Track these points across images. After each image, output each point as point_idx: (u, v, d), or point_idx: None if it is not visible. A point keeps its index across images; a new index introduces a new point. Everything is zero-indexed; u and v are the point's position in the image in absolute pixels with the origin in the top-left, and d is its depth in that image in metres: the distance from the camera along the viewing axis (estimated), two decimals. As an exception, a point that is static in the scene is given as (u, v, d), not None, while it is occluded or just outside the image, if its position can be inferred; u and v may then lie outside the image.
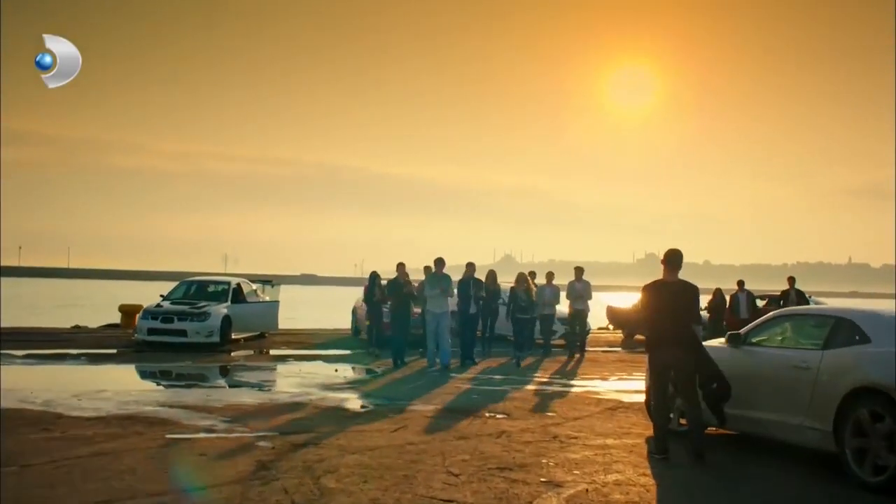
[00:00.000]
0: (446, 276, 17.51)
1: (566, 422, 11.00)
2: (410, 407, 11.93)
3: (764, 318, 9.61)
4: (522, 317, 18.98)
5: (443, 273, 17.47)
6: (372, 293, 19.91)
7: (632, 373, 17.44)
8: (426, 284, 17.47)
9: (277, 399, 12.49)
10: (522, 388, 14.34)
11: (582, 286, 20.92)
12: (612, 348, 24.33)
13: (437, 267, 17.58)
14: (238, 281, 23.20)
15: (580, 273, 21.02)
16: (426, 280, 17.64)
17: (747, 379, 9.20)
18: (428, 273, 18.32)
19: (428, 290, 17.22)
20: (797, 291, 22.89)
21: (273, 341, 22.82)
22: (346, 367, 17.35)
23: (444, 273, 17.51)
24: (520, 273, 19.62)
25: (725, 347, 9.58)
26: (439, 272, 17.43)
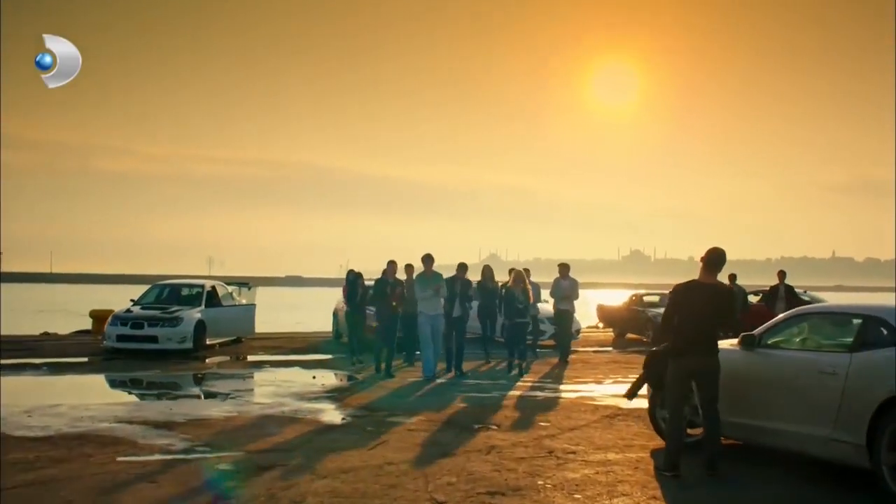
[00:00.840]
0: (437, 274, 15.95)
1: (561, 433, 10.06)
2: (391, 419, 10.96)
3: (780, 317, 8.66)
4: (520, 321, 16.41)
5: (433, 271, 15.88)
6: (354, 294, 18.06)
7: (627, 375, 16.48)
8: (417, 285, 15.78)
9: (247, 412, 11.49)
10: (512, 395, 13.39)
11: (568, 284, 18.79)
12: (603, 348, 23.42)
13: (426, 265, 15.85)
14: (213, 284, 22.15)
15: (566, 270, 18.91)
16: (416, 280, 15.95)
17: (764, 385, 8.28)
18: (407, 271, 17.27)
19: (419, 290, 15.61)
20: (786, 287, 22.07)
21: (250, 346, 21.80)
22: (325, 373, 16.36)
23: (434, 271, 15.91)
24: (516, 270, 16.96)
25: (737, 350, 8.65)
26: (429, 271, 15.80)
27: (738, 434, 8.56)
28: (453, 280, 16.51)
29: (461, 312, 16.51)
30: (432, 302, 15.53)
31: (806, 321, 8.57)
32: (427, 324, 15.54)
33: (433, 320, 15.56)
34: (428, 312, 15.56)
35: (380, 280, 16.66)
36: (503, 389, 13.93)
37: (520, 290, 16.21)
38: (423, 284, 15.61)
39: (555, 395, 13.52)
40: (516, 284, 16.28)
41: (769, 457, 8.52)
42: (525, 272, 17.54)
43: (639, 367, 18.21)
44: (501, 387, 14.24)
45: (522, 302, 16.21)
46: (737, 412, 8.44)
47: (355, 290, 17.90)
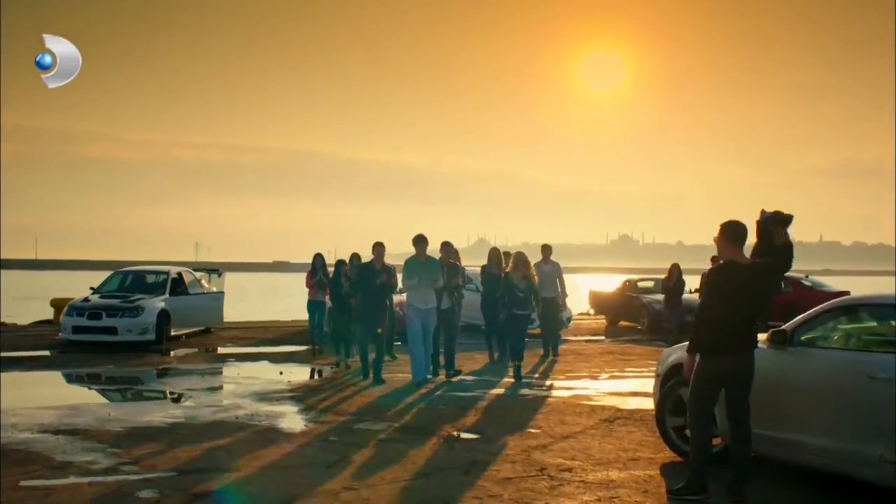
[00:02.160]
0: (432, 259, 13.11)
1: (554, 442, 8.69)
2: (359, 426, 9.57)
3: (815, 309, 7.25)
4: (519, 312, 13.67)
5: (427, 256, 13.02)
6: (337, 284, 15.91)
7: (624, 368, 15.16)
8: (404, 272, 12.86)
9: (195, 417, 10.07)
10: (498, 394, 12.01)
11: (550, 269, 16.24)
12: (595, 337, 22.09)
13: (418, 247, 12.87)
14: (179, 270, 20.69)
15: (548, 252, 16.47)
16: (406, 266, 12.90)
17: (797, 391, 6.92)
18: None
19: (406, 278, 12.79)
20: None
21: (220, 337, 20.41)
22: (293, 367, 14.96)
23: (429, 256, 13.10)
24: (517, 254, 14.11)
25: (763, 348, 7.25)
26: (422, 255, 12.88)
27: (763, 448, 7.18)
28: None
29: (449, 304, 13.83)
30: (423, 293, 12.80)
31: (849, 314, 7.18)
32: (417, 319, 12.81)
33: (425, 316, 12.82)
34: (418, 306, 12.83)
35: (364, 266, 13.82)
36: (487, 387, 12.54)
37: (520, 276, 13.64)
38: (411, 271, 12.81)
39: (545, 393, 12.13)
40: (516, 270, 13.70)
41: (804, 477, 7.14)
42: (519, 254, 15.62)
43: (635, 358, 17.09)
44: (486, 384, 12.84)
45: (524, 290, 13.68)
46: (762, 423, 7.05)
47: (338, 279, 15.87)
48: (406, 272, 12.82)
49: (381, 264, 13.32)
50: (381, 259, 13.35)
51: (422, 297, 12.77)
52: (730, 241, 6.64)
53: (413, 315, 12.87)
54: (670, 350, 8.40)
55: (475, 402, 11.17)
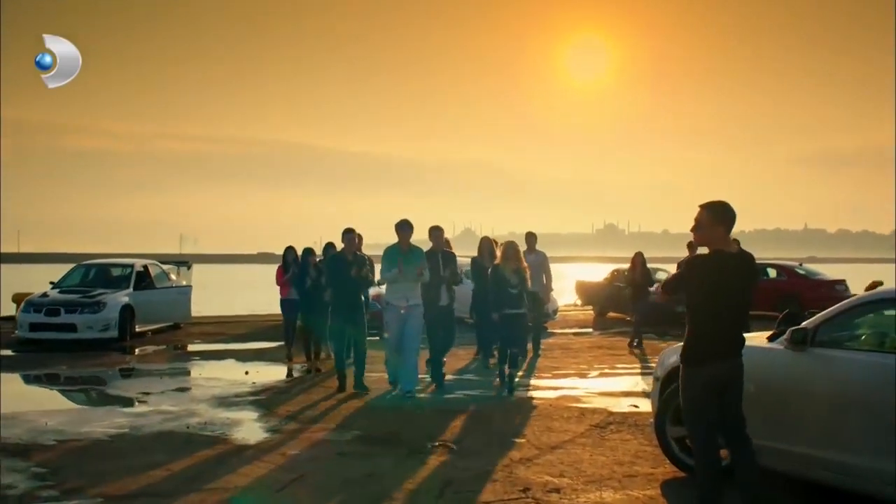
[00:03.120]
0: (417, 248, 11.09)
1: (540, 454, 7.72)
2: (320, 435, 8.58)
3: (843, 304, 6.29)
4: (512, 312, 11.33)
5: (411, 245, 11.05)
6: (303, 278, 14.07)
7: (614, 365, 14.21)
8: (382, 262, 10.95)
9: (141, 427, 9.04)
10: (479, 397, 11.04)
11: (535, 259, 14.33)
12: (583, 329, 21.15)
13: (400, 234, 10.94)
14: (144, 263, 19.61)
15: (533, 241, 14.85)
16: (383, 256, 11.00)
17: (820, 400, 5.97)
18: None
19: (384, 270, 10.87)
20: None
21: (189, 333, 19.40)
22: (261, 367, 13.95)
23: (413, 245, 11.07)
24: (507, 244, 11.79)
25: (779, 349, 6.30)
26: (404, 243, 10.95)
27: (779, 464, 6.23)
28: (431, 255, 11.53)
29: (448, 301, 11.85)
30: (404, 287, 10.79)
31: (880, 311, 6.22)
32: (396, 321, 10.81)
33: (406, 316, 10.76)
34: (397, 303, 10.82)
35: (335, 257, 11.93)
36: (468, 388, 11.56)
37: (511, 269, 11.41)
38: (391, 261, 10.81)
39: (529, 394, 11.16)
40: (507, 262, 11.44)
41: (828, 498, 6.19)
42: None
43: (625, 353, 16.12)
44: (465, 385, 11.85)
45: (516, 286, 11.39)
46: (779, 435, 6.14)
47: (305, 272, 14.14)
48: (384, 263, 10.90)
49: (354, 254, 11.51)
50: (353, 248, 11.54)
51: (401, 293, 10.76)
52: (718, 225, 5.64)
53: (391, 316, 10.88)
54: (670, 351, 7.43)
55: (454, 406, 10.19)
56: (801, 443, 6.03)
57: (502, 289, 11.34)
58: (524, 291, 11.54)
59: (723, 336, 5.58)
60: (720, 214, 5.63)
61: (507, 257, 11.51)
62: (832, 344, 6.09)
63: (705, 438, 5.67)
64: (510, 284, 11.32)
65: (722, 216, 5.63)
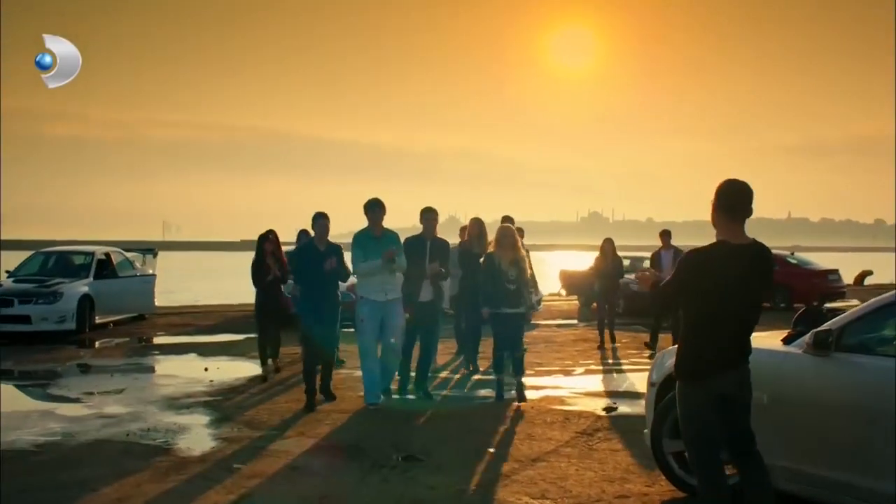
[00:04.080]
0: (391, 233, 9.55)
1: (520, 468, 6.83)
2: (276, 445, 7.64)
3: (873, 302, 5.38)
4: (509, 311, 9.54)
5: (384, 229, 9.52)
6: (260, 268, 11.98)
7: (601, 360, 13.34)
8: (354, 250, 9.41)
9: (76, 434, 8.08)
10: (453, 398, 10.15)
11: None
12: (568, 321, 20.30)
13: (370, 216, 9.41)
14: (106, 250, 18.59)
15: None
16: (353, 242, 9.43)
17: (848, 415, 5.09)
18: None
19: (357, 259, 9.35)
20: None
21: (154, 324, 18.47)
22: (224, 362, 13.01)
23: (387, 228, 9.56)
24: (503, 227, 9.85)
25: (799, 354, 5.41)
26: (376, 226, 9.43)
27: (798, 488, 5.35)
28: (416, 242, 9.87)
29: (433, 296, 9.93)
30: (381, 280, 9.33)
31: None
32: (372, 318, 9.33)
33: (385, 310, 9.35)
34: (373, 297, 9.34)
35: (304, 247, 10.21)
36: (441, 388, 10.64)
37: (509, 259, 9.51)
38: (364, 249, 9.35)
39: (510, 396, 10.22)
40: (503, 250, 9.55)
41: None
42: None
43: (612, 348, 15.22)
44: (440, 385, 10.92)
45: (514, 280, 9.53)
46: (797, 455, 5.27)
47: (261, 262, 11.93)
48: (356, 251, 9.38)
49: (328, 243, 9.72)
50: (326, 235, 9.75)
51: (379, 286, 9.30)
52: (719, 210, 4.74)
53: (367, 311, 9.31)
54: (669, 352, 6.53)
55: (425, 409, 9.27)
56: (823, 464, 5.15)
57: (498, 283, 9.47)
58: (524, 287, 9.70)
59: (726, 345, 4.70)
60: (719, 197, 4.74)
61: (501, 245, 9.57)
62: (861, 348, 5.19)
63: (707, 457, 4.78)
64: (507, 278, 9.45)
65: (721, 199, 4.73)
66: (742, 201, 4.72)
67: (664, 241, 14.88)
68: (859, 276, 37.56)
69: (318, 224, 9.77)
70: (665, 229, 15.30)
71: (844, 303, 23.67)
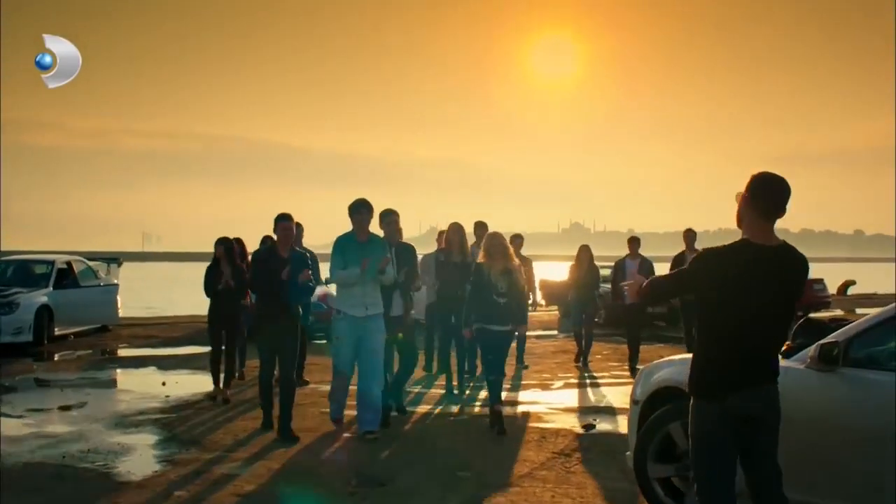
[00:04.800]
0: (377, 238, 8.37)
1: (492, 494, 6.21)
2: (223, 468, 6.97)
3: (880, 314, 4.79)
4: (496, 328, 8.36)
5: (371, 234, 8.29)
6: (212, 276, 10.35)
7: (581, 374, 12.74)
8: (333, 256, 8.15)
9: (9, 456, 7.34)
10: (422, 413, 9.51)
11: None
12: (547, 332, 19.72)
13: (355, 219, 8.15)
14: (67, 259, 17.87)
15: (483, 233, 10.83)
16: (334, 248, 8.18)
17: (862, 440, 4.50)
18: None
19: (335, 267, 8.12)
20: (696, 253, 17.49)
21: (118, 335, 17.77)
22: (184, 375, 12.33)
23: (373, 233, 8.33)
24: (492, 235, 8.68)
25: (801, 370, 4.80)
26: (362, 231, 8.16)
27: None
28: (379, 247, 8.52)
29: (404, 310, 8.79)
30: (363, 292, 8.01)
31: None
32: (350, 335, 8.04)
33: (364, 327, 8.03)
34: (352, 312, 8.03)
35: (263, 253, 8.86)
36: (412, 403, 9.96)
37: (500, 270, 8.29)
38: (346, 254, 8.06)
39: (482, 408, 9.58)
40: (493, 260, 8.32)
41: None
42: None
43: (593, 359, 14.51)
44: (413, 400, 10.26)
45: (505, 293, 8.29)
46: (805, 486, 4.66)
47: (214, 272, 10.37)
48: (336, 257, 8.10)
49: (292, 249, 8.38)
50: (289, 241, 8.37)
51: (358, 299, 7.99)
52: (750, 206, 4.07)
53: (343, 329, 8.09)
54: (654, 367, 5.92)
55: (393, 428, 8.61)
56: (833, 496, 4.56)
57: (486, 296, 8.30)
58: (516, 301, 8.45)
59: (749, 360, 4.03)
60: (754, 190, 4.05)
61: (491, 254, 8.34)
62: (870, 363, 4.61)
63: (718, 490, 4.10)
64: (497, 291, 8.26)
65: (758, 192, 4.04)
66: (783, 197, 4.05)
67: (632, 249, 13.54)
68: (842, 286, 37.21)
69: (280, 227, 8.36)
70: (634, 236, 13.97)
71: (829, 313, 23.23)
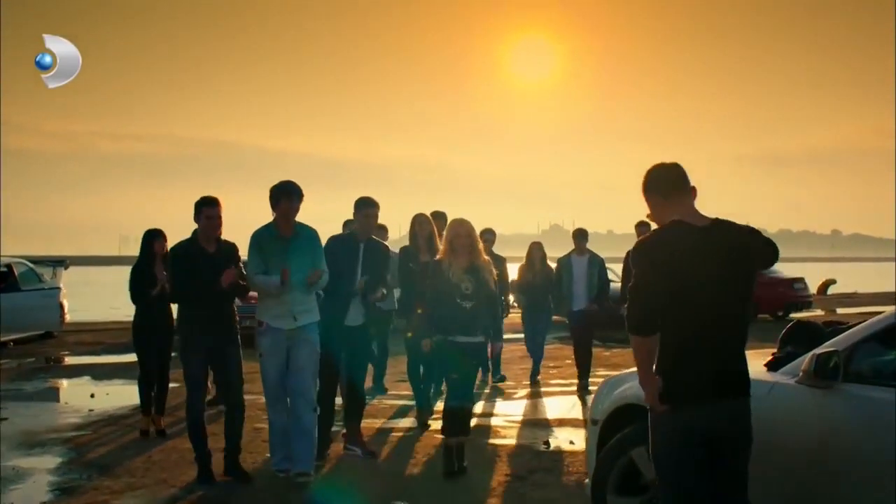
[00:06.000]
0: (307, 230, 6.68)
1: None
2: (123, 499, 6.04)
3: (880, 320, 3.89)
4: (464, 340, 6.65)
5: (300, 226, 6.63)
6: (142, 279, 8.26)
7: (549, 381, 11.90)
8: (249, 255, 6.57)
9: None
10: (391, 424, 8.58)
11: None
12: (517, 335, 18.67)
13: (278, 209, 6.54)
14: (7, 261, 16.84)
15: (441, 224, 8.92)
16: (250, 245, 6.59)
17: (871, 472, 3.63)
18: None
19: (252, 267, 6.51)
20: None
21: (63, 342, 16.83)
22: (119, 386, 11.38)
23: (306, 226, 6.69)
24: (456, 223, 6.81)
25: (793, 385, 3.92)
26: (285, 225, 6.57)
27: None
28: (344, 245, 7.23)
29: (362, 319, 7.19)
30: (294, 299, 6.45)
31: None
32: (277, 352, 6.49)
33: (293, 341, 6.49)
34: (276, 325, 6.48)
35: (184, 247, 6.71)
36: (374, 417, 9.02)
37: (462, 267, 6.63)
38: (265, 254, 6.50)
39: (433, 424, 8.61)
40: (454, 256, 6.65)
41: None
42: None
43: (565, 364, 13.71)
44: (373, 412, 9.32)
45: (470, 295, 6.61)
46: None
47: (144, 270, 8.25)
48: (252, 256, 6.53)
49: (218, 241, 6.59)
50: (215, 231, 6.55)
51: (284, 308, 6.45)
52: (650, 192, 3.65)
53: (268, 344, 6.50)
54: (614, 382, 5.01)
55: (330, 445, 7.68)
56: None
57: (446, 300, 6.62)
58: (486, 306, 6.79)
59: (708, 361, 3.36)
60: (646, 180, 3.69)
61: (454, 249, 6.66)
62: (875, 379, 3.73)
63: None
64: (460, 293, 6.59)
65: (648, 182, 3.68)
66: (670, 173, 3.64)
67: (578, 244, 11.41)
68: (822, 286, 36.53)
69: (206, 213, 6.53)
70: (580, 228, 11.62)
71: (810, 313, 22.47)
